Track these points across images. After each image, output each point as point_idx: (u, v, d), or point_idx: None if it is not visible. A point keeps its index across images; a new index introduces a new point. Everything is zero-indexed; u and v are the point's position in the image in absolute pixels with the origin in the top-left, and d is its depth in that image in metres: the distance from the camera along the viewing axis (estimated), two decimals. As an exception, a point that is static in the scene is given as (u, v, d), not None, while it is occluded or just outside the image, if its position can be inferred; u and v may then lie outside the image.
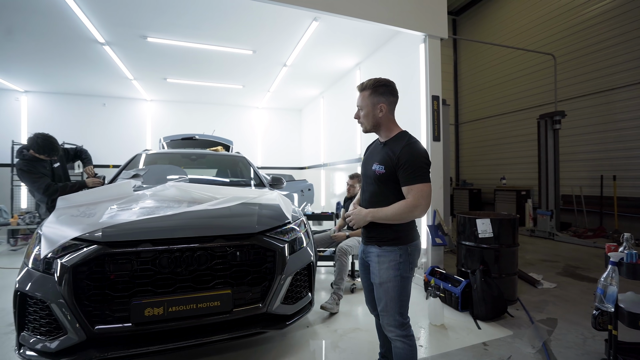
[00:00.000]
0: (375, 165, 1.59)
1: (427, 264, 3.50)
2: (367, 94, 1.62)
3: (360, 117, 1.67)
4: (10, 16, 3.72)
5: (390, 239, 1.58)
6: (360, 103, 1.65)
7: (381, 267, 1.58)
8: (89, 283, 1.71)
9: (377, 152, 1.65)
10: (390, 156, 1.54)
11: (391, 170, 1.53)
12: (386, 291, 1.56)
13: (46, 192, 3.06)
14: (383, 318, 1.61)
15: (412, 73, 3.82)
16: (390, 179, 1.54)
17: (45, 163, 3.28)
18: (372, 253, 1.64)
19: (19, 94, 6.78)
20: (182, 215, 2.01)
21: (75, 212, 2.07)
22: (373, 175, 1.59)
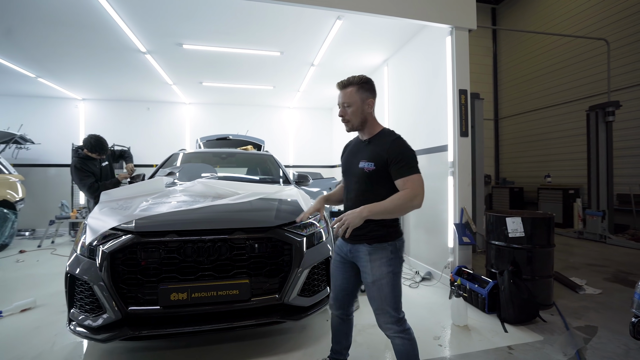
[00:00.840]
0: (362, 162, 1.58)
1: (454, 264, 3.39)
2: (354, 89, 1.59)
3: (346, 114, 1.61)
4: (67, 32, 4.18)
5: (380, 235, 1.57)
6: (347, 99, 1.59)
7: (373, 264, 1.56)
8: (123, 268, 1.90)
9: (361, 150, 1.65)
10: (379, 152, 1.55)
11: (381, 166, 1.54)
12: (380, 288, 1.55)
13: (89, 190, 3.48)
14: (379, 317, 1.59)
15: (438, 67, 3.71)
16: (381, 175, 1.54)
17: (95, 162, 3.69)
18: (361, 252, 1.60)
19: (77, 102, 7.56)
20: (205, 209, 2.16)
21: (115, 205, 2.31)
22: (361, 173, 1.58)
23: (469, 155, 3.45)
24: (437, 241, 3.77)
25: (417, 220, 4.30)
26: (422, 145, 4.10)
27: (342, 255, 1.73)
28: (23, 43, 4.53)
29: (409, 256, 4.46)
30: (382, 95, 5.31)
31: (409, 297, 3.24)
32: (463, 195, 3.38)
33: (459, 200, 3.37)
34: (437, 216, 3.77)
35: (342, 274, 1.74)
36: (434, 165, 3.87)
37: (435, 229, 3.85)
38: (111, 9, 3.56)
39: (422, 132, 4.13)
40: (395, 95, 4.96)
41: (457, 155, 3.37)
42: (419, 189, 1.49)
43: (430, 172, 3.96)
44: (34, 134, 7.05)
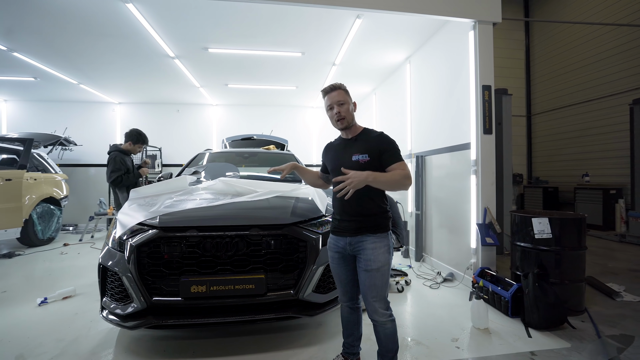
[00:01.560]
0: (356, 156, 1.73)
1: (477, 265, 3.28)
2: (343, 92, 1.78)
3: (341, 112, 1.74)
4: (105, 42, 4.49)
5: (382, 225, 1.73)
6: (340, 98, 1.75)
7: (378, 252, 1.68)
8: (148, 261, 2.03)
9: (349, 147, 1.79)
10: (372, 145, 1.73)
11: (375, 157, 1.70)
12: (382, 275, 1.68)
13: (114, 182, 3.77)
14: (375, 304, 1.69)
15: (461, 62, 3.60)
16: (374, 165, 1.69)
17: (128, 158, 4.03)
18: (365, 241, 1.70)
19: (114, 105, 8.07)
20: (224, 206, 2.25)
21: (142, 202, 2.46)
22: (355, 166, 1.70)
23: (493, 153, 3.32)
24: (460, 242, 3.67)
25: (439, 220, 4.20)
26: (445, 143, 4.00)
27: (339, 251, 1.80)
28: (67, 53, 4.92)
29: (431, 256, 4.37)
30: (404, 92, 5.23)
31: (429, 298, 3.19)
32: (486, 195, 3.27)
33: (482, 199, 3.26)
34: (460, 216, 3.67)
35: (344, 268, 1.81)
36: (457, 163, 3.76)
37: (458, 229, 3.75)
38: (142, 18, 3.78)
39: (445, 130, 4.03)
40: (417, 93, 4.87)
41: (480, 153, 3.26)
42: (409, 172, 1.68)
43: (453, 170, 3.86)
44: (76, 136, 7.63)
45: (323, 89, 1.79)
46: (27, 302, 3.11)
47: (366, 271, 1.68)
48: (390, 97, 6.17)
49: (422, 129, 4.69)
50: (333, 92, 1.76)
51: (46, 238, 5.80)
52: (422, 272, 4.01)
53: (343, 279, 1.83)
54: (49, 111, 7.89)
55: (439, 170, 4.24)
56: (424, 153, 4.57)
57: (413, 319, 2.74)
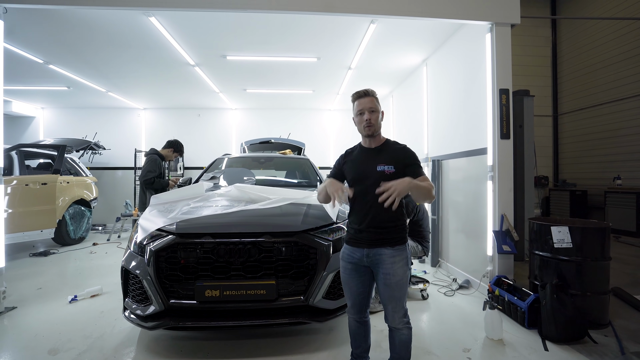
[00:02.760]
0: (382, 166, 1.72)
1: (493, 273, 3.21)
2: (375, 100, 1.77)
3: (371, 119, 1.73)
4: (130, 52, 4.74)
5: (400, 237, 1.73)
6: (373, 105, 1.74)
7: (397, 265, 1.69)
8: (166, 265, 2.14)
9: (373, 157, 1.77)
10: (397, 157, 1.73)
11: (400, 169, 1.70)
12: (401, 287, 1.69)
13: (146, 182, 4.04)
14: (395, 314, 1.71)
15: (478, 65, 3.53)
16: (397, 177, 1.64)
17: (163, 163, 4.35)
18: (383, 254, 1.70)
19: (139, 111, 8.45)
20: (237, 214, 2.33)
21: (162, 208, 2.59)
22: (381, 176, 1.69)
23: (510, 158, 3.23)
24: (477, 248, 3.60)
25: (456, 225, 4.13)
26: (461, 147, 3.93)
27: (353, 262, 1.78)
28: (96, 63, 5.21)
29: (447, 262, 4.30)
30: (421, 95, 5.18)
31: (443, 305, 3.15)
32: (503, 201, 3.19)
33: (499, 206, 3.19)
34: (477, 222, 3.60)
35: (357, 280, 1.79)
36: (473, 168, 3.69)
37: (474, 235, 3.67)
38: (164, 30, 3.96)
39: (461, 134, 3.96)
40: (434, 96, 4.81)
41: (497, 158, 3.19)
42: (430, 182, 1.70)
43: (469, 175, 3.79)
44: (105, 141, 8.05)
45: (356, 93, 1.77)
46: (60, 299, 3.33)
47: (385, 285, 1.69)
48: (407, 99, 6.11)
49: (439, 133, 4.62)
50: (366, 97, 1.75)
51: (77, 237, 6.16)
52: (437, 278, 3.95)
53: (354, 291, 1.81)
54: (80, 117, 8.37)
55: (456, 174, 4.16)
56: (440, 157, 4.50)
57: (425, 327, 2.73)
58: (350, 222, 1.82)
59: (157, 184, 4.03)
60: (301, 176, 4.18)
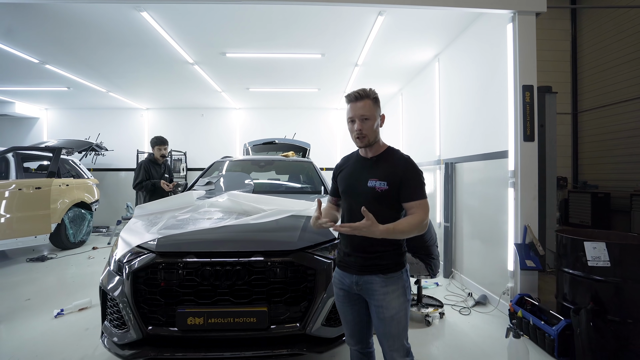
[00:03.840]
0: (373, 181, 1.44)
1: (515, 290, 2.88)
2: (371, 103, 1.45)
3: (363, 129, 1.44)
4: (126, 51, 4.54)
5: (394, 264, 1.45)
6: (366, 112, 1.43)
7: (391, 297, 1.42)
8: (144, 288, 1.89)
9: (367, 168, 1.50)
10: (393, 171, 1.44)
11: (394, 187, 1.42)
12: (398, 322, 1.42)
13: (137, 186, 4.08)
14: (393, 353, 1.44)
15: (498, 59, 3.20)
16: (390, 196, 1.43)
17: (158, 167, 4.21)
18: (374, 283, 1.43)
19: (142, 111, 8.30)
20: (226, 229, 2.07)
21: (146, 220, 2.35)
22: (370, 193, 1.43)
23: (535, 163, 2.90)
24: (495, 259, 3.27)
25: (471, 234, 3.80)
26: (478, 150, 3.61)
27: (344, 288, 1.53)
28: (92, 63, 5.03)
29: (461, 273, 3.97)
30: (433, 93, 4.84)
31: (459, 326, 2.84)
32: (527, 211, 2.86)
33: (522, 216, 2.86)
34: (496, 228, 3.27)
35: (350, 308, 1.55)
36: (492, 172, 3.36)
37: (492, 245, 3.35)
38: (158, 25, 3.73)
39: (478, 135, 3.63)
40: (447, 93, 4.47)
41: (520, 163, 2.86)
42: (428, 214, 1.42)
43: (487, 179, 3.47)
44: (108, 141, 7.92)
45: (347, 95, 1.48)
46: (46, 312, 3.14)
47: (379, 319, 1.43)
48: (417, 98, 5.78)
49: (452, 133, 4.29)
50: (358, 102, 1.44)
51: (78, 241, 6.02)
52: (451, 292, 3.64)
53: (349, 320, 1.57)
54: (84, 118, 8.26)
55: (471, 178, 3.84)
56: (454, 160, 4.18)
57: (438, 353, 2.43)
58: (340, 242, 1.58)
59: (145, 187, 4.06)
60: (303, 181, 3.92)
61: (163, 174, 4.33)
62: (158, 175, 4.25)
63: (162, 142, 4.20)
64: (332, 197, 1.67)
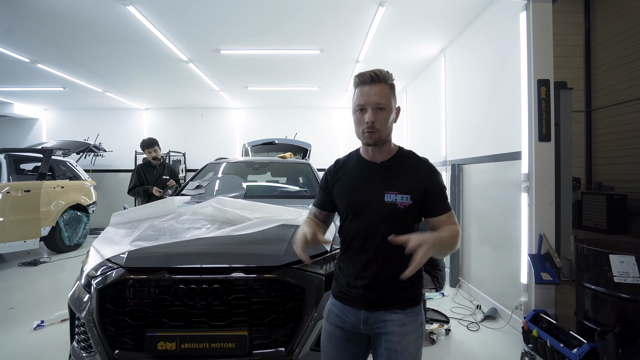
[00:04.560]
0: (392, 195, 1.11)
1: (529, 306, 2.62)
2: (388, 89, 1.12)
3: (376, 122, 1.10)
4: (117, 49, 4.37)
5: (413, 297, 1.17)
6: (383, 99, 1.09)
7: (409, 338, 1.12)
8: (111, 307, 1.69)
9: (380, 176, 1.16)
10: (415, 181, 1.14)
11: (418, 200, 1.13)
12: None
13: (130, 191, 4.00)
14: None
15: (509, 53, 2.93)
16: (412, 213, 1.13)
17: (153, 171, 4.08)
18: (391, 321, 1.12)
19: (141, 112, 8.16)
20: (205, 241, 1.86)
21: (121, 229, 2.15)
22: (389, 210, 1.11)
23: (551, 165, 2.63)
24: (506, 268, 3.01)
25: (480, 236, 3.54)
26: (487, 150, 3.35)
27: (345, 327, 1.18)
28: (84, 61, 4.88)
29: (469, 283, 3.72)
30: (439, 90, 4.58)
31: (467, 344, 2.59)
32: (542, 218, 2.60)
33: (537, 224, 2.60)
34: (507, 235, 3.01)
35: (345, 353, 1.20)
36: (503, 172, 3.10)
37: (503, 251, 3.09)
38: (146, 20, 3.54)
39: (487, 135, 3.37)
40: (453, 91, 4.21)
41: (535, 165, 2.59)
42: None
43: (497, 178, 3.21)
44: (107, 142, 7.79)
45: (358, 75, 1.12)
46: (27, 323, 2.97)
47: None
48: (422, 95, 5.52)
49: (459, 133, 4.03)
50: (373, 86, 1.09)
51: (73, 244, 5.89)
52: (457, 303, 3.39)
53: None
54: (83, 119, 8.16)
55: (480, 182, 3.58)
56: (461, 161, 3.91)
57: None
58: (340, 268, 1.23)
59: (137, 192, 3.94)
60: (300, 184, 3.70)
61: (159, 177, 4.12)
62: (154, 178, 4.07)
63: (150, 145, 3.98)
64: (318, 209, 1.30)
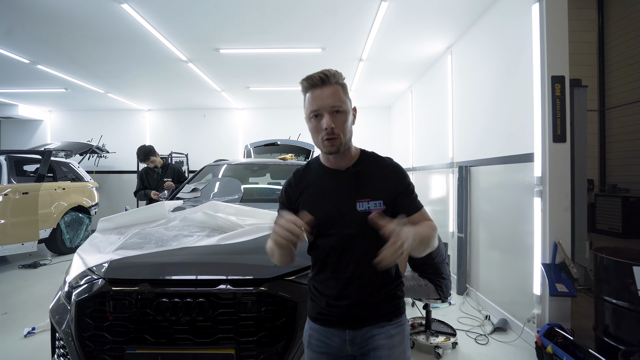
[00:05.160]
0: (363, 203, 1.03)
1: (542, 320, 2.45)
2: (341, 89, 1.02)
3: (335, 127, 0.99)
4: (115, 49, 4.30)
5: (398, 305, 1.10)
6: (337, 101, 0.99)
7: (398, 350, 1.04)
8: (89, 322, 1.58)
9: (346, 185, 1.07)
10: (385, 184, 1.06)
11: (390, 204, 1.05)
12: None
13: (135, 194, 4.08)
14: None
15: (521, 48, 2.76)
16: (388, 216, 0.98)
17: (154, 174, 4.08)
18: (378, 335, 1.04)
19: (144, 113, 8.12)
20: (191, 250, 1.73)
21: (107, 236, 2.04)
22: (362, 219, 0.99)
23: (567, 168, 2.46)
24: (517, 276, 2.84)
25: (489, 242, 3.37)
26: (496, 152, 3.17)
27: (331, 352, 1.07)
28: (83, 62, 4.83)
29: (477, 291, 3.54)
30: (445, 90, 4.41)
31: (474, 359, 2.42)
32: (557, 224, 2.42)
33: (551, 231, 2.42)
34: (517, 240, 2.84)
35: None
36: (513, 174, 2.93)
37: (514, 257, 2.92)
38: (142, 19, 3.46)
39: (496, 136, 3.20)
40: (461, 90, 4.04)
41: (549, 168, 2.42)
42: None
43: (507, 180, 3.05)
44: (111, 143, 7.76)
45: (305, 79, 1.01)
46: (18, 330, 2.90)
47: None
48: (428, 95, 5.35)
49: (467, 133, 3.86)
50: (324, 88, 0.99)
51: (75, 246, 5.84)
52: (465, 313, 3.22)
53: None
54: (87, 120, 8.16)
55: (489, 184, 3.40)
56: (468, 163, 3.74)
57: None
58: (316, 287, 1.11)
59: (140, 196, 3.98)
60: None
61: (161, 180, 4.07)
62: (154, 182, 4.08)
63: (146, 157, 3.94)
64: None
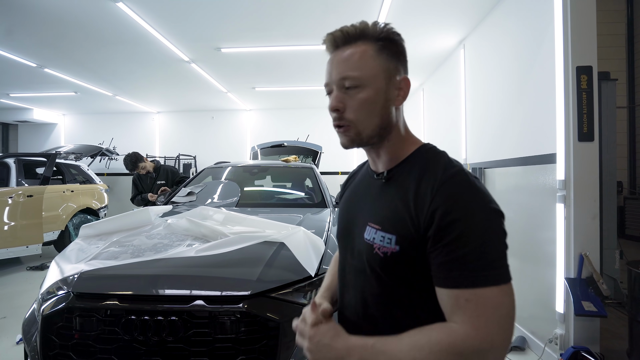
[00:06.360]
0: (372, 230, 0.67)
1: (566, 341, 2.17)
2: (369, 50, 0.67)
3: (345, 106, 0.69)
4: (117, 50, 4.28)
5: None
6: (350, 70, 0.67)
7: None
8: (54, 339, 1.44)
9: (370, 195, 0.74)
10: (411, 208, 0.62)
11: (412, 243, 0.61)
12: None
13: (132, 201, 3.98)
14: None
15: (541, 38, 2.50)
16: (403, 261, 0.62)
17: (147, 178, 4.01)
18: None
19: (153, 115, 8.17)
20: (167, 262, 1.58)
21: (87, 244, 1.92)
22: (368, 255, 0.67)
23: (595, 170, 2.18)
24: (537, 289, 2.56)
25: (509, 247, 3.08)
26: (513, 152, 2.90)
27: None
28: (87, 64, 4.84)
29: (493, 303, 3.25)
30: (458, 87, 4.14)
31: (488, 383, 2.17)
32: (583, 234, 2.14)
33: (576, 241, 2.14)
34: (538, 248, 2.56)
35: None
36: (532, 176, 2.66)
37: (533, 267, 2.64)
38: (140, 19, 3.39)
39: (513, 135, 2.93)
40: (475, 86, 3.77)
41: (573, 170, 2.15)
42: (494, 327, 0.54)
43: (526, 183, 2.77)
44: (121, 146, 7.84)
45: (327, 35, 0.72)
46: (11, 336, 2.83)
47: None
48: (440, 93, 5.08)
49: (482, 133, 3.59)
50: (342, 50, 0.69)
51: (83, 248, 5.87)
52: (479, 328, 2.95)
53: None
54: (98, 123, 8.29)
55: (505, 188, 3.13)
56: (483, 164, 3.47)
57: None
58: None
59: (137, 202, 3.87)
60: (301, 190, 3.40)
61: (154, 183, 3.98)
62: (147, 186, 3.97)
63: (134, 166, 3.79)
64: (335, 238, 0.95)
